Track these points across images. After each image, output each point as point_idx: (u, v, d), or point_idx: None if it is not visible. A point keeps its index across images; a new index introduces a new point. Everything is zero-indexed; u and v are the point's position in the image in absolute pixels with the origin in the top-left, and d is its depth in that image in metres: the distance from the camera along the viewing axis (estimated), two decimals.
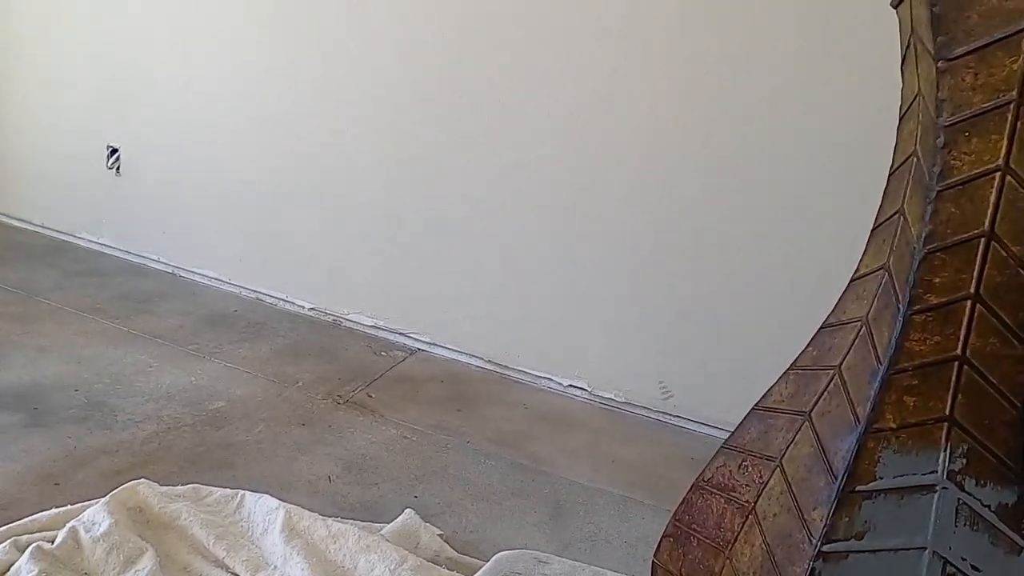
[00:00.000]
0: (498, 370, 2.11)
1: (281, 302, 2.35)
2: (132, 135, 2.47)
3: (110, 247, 2.61)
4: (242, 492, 1.38)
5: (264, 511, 1.33)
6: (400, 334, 2.21)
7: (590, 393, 2.02)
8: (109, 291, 2.32)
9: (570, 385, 2.04)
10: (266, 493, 1.36)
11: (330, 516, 1.34)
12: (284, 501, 1.34)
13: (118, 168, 2.52)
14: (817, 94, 1.63)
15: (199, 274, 2.47)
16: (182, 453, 1.52)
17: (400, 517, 1.39)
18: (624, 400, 1.99)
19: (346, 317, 2.27)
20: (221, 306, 2.32)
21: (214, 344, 2.05)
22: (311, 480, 1.50)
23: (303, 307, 2.32)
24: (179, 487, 1.37)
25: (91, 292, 2.29)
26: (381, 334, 2.23)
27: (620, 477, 1.67)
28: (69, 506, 1.26)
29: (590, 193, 1.89)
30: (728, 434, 0.79)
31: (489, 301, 2.07)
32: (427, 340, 2.18)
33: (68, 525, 1.20)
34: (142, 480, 1.33)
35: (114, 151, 2.52)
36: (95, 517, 1.21)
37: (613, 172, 1.85)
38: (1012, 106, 0.59)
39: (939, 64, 0.61)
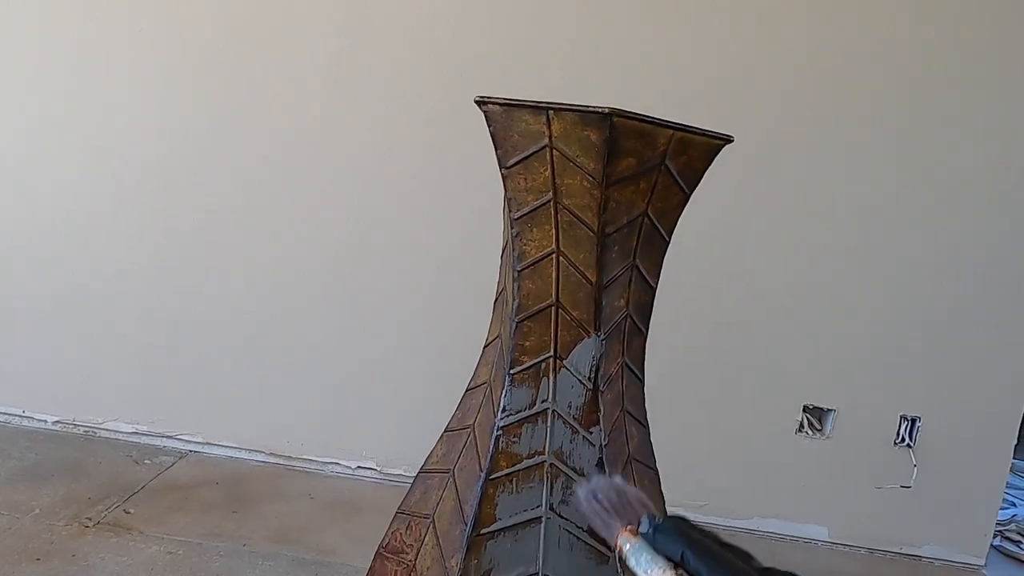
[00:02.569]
0: (281, 462, 2.11)
1: (17, 418, 2.17)
2: None
3: None
4: None
5: None
6: (167, 437, 2.13)
7: (380, 472, 2.09)
8: None
9: (359, 467, 2.09)
10: None
11: None
12: None
13: None
14: None
15: None
16: None
17: None
18: (415, 474, 2.08)
19: (100, 427, 2.15)
20: None
21: None
22: None
23: (45, 421, 2.16)
24: None
25: None
26: (144, 440, 2.13)
27: None
28: None
29: (361, 272, 2.01)
30: None
31: (265, 391, 2.08)
32: (199, 440, 2.13)
33: None
34: None
35: None
36: None
37: (381, 246, 1.99)
38: (551, 203, 0.79)
39: (503, 171, 0.81)
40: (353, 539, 1.79)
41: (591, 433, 0.80)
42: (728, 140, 0.80)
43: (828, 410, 1.94)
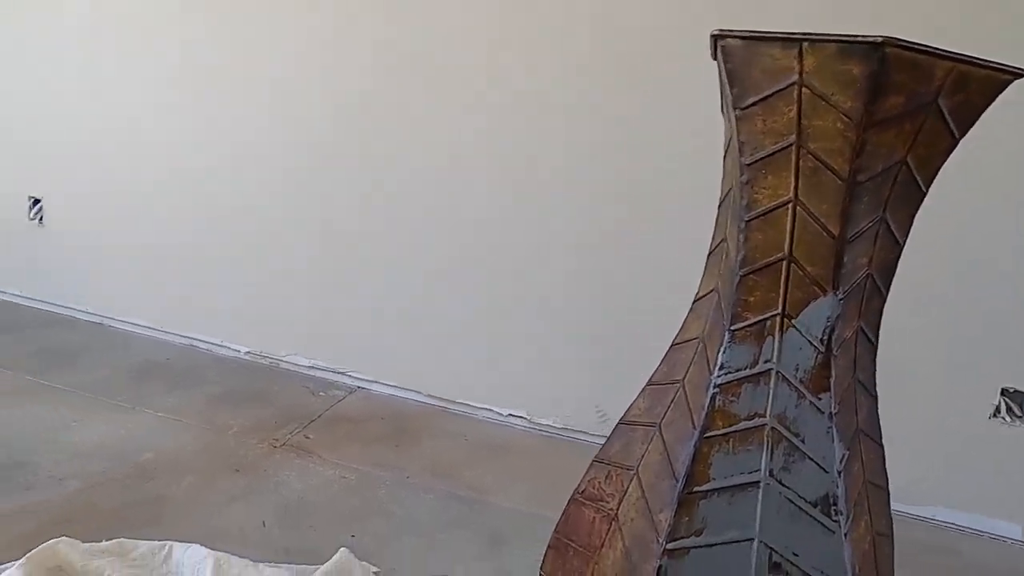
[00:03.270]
0: (439, 404, 2.20)
1: (215, 347, 2.41)
2: (55, 184, 2.53)
3: (35, 300, 2.64)
4: (170, 543, 1.42)
5: (193, 561, 1.38)
6: (339, 373, 2.28)
7: (529, 421, 2.11)
8: (30, 345, 2.34)
9: (510, 414, 2.13)
10: (196, 543, 1.41)
11: (263, 562, 1.38)
12: (215, 550, 1.39)
13: (41, 219, 2.57)
14: None
15: (129, 323, 2.51)
16: (108, 510, 1.56)
17: (334, 556, 1.45)
18: (562, 426, 2.09)
19: (283, 360, 2.34)
20: (153, 355, 2.37)
21: (144, 394, 2.10)
22: (244, 528, 1.55)
23: (238, 352, 2.38)
24: (103, 543, 1.40)
25: (13, 347, 2.32)
26: (319, 375, 2.30)
27: (559, 502, 1.74)
28: None
29: (518, 225, 2.01)
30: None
31: (428, 336, 2.17)
32: (367, 378, 2.26)
33: None
34: (62, 538, 1.36)
35: (36, 201, 2.57)
36: None
37: (538, 202, 1.98)
38: (794, 147, 0.71)
39: (736, 112, 0.74)
40: (504, 481, 1.83)
41: (820, 399, 0.73)
42: (1019, 74, 0.68)
43: None
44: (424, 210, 2.09)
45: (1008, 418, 1.73)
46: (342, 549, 1.47)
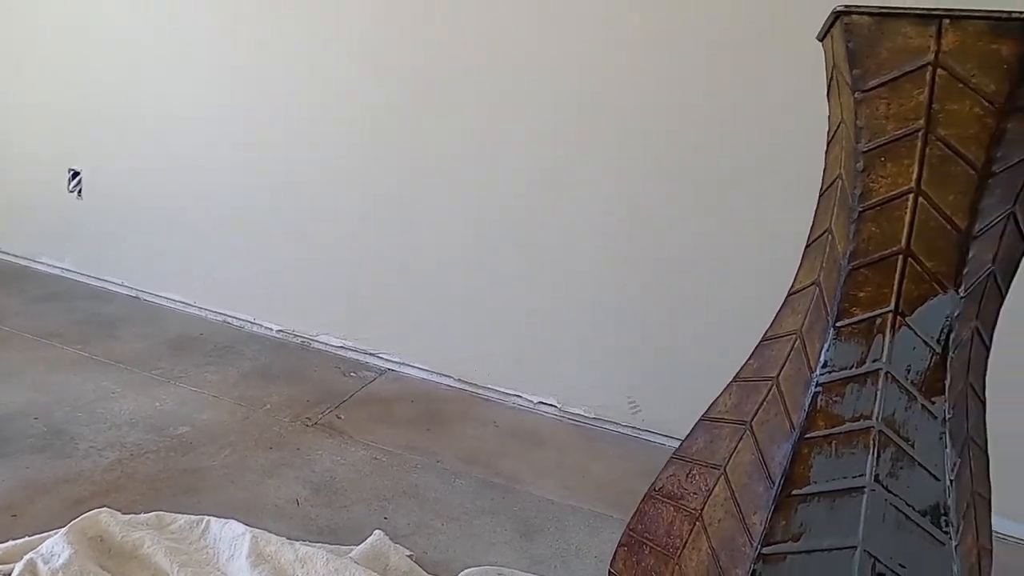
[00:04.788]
0: (469, 389, 2.13)
1: (248, 324, 2.35)
2: (94, 158, 2.47)
3: (72, 272, 2.59)
4: (207, 518, 1.38)
5: (230, 536, 1.33)
6: (369, 355, 2.23)
7: (560, 410, 2.05)
8: (71, 316, 2.30)
9: (540, 402, 2.07)
10: (232, 519, 1.36)
11: (298, 540, 1.34)
12: (251, 526, 1.34)
13: (80, 191, 2.51)
14: (781, 119, 1.70)
15: (164, 298, 2.46)
16: (146, 480, 1.52)
17: (369, 539, 1.40)
18: (593, 416, 2.03)
19: (315, 339, 2.28)
20: (187, 330, 2.31)
21: (179, 368, 2.04)
22: (279, 504, 1.50)
23: (271, 329, 2.33)
24: (142, 515, 1.36)
25: (52, 318, 2.27)
26: (350, 355, 2.24)
27: (590, 492, 1.70)
28: (27, 537, 1.25)
29: (557, 212, 1.94)
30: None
31: (459, 321, 2.10)
32: (397, 360, 2.20)
33: (26, 557, 1.19)
34: (104, 509, 1.32)
35: (76, 174, 2.51)
36: (54, 548, 1.20)
37: (580, 190, 1.91)
38: (921, 133, 0.64)
39: (856, 95, 0.67)
40: (536, 469, 1.78)
41: (933, 403, 0.67)
42: None
43: None
44: (458, 195, 2.02)
45: None
46: (377, 531, 1.42)
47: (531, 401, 2.08)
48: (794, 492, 0.68)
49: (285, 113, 2.16)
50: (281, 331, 2.31)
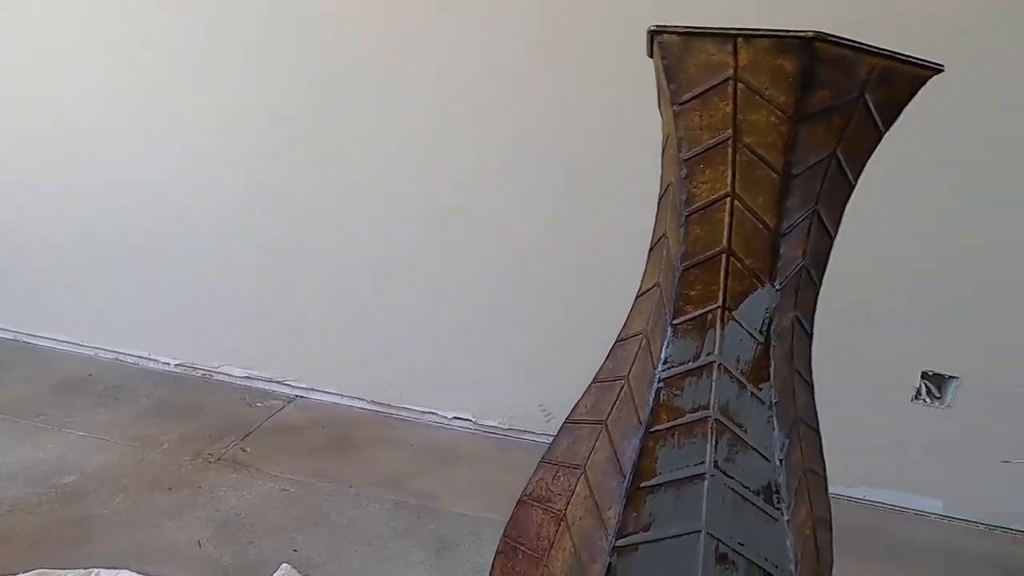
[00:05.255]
0: (382, 410, 2.11)
1: (143, 360, 2.24)
2: None
3: None
4: (96, 569, 1.31)
5: None
6: (276, 383, 2.17)
7: (475, 423, 2.06)
8: None
9: (455, 417, 2.08)
10: (126, 568, 1.30)
11: None
12: (146, 573, 1.29)
13: None
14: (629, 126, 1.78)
15: (48, 339, 2.31)
16: (27, 535, 1.42)
17: (276, 573, 1.37)
18: (508, 427, 2.05)
19: (217, 370, 2.20)
20: (74, 371, 2.18)
21: (65, 413, 1.92)
22: (179, 547, 1.44)
23: (168, 364, 2.23)
24: (22, 574, 1.28)
25: None
26: (256, 384, 2.17)
27: (505, 504, 1.70)
28: None
29: (453, 224, 1.96)
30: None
31: (369, 342, 2.08)
32: (306, 386, 2.15)
33: None
34: None
35: None
36: None
37: (475, 200, 1.93)
38: (730, 142, 0.70)
39: (675, 107, 0.72)
40: (452, 486, 1.78)
41: (760, 390, 0.72)
42: (938, 69, 0.69)
43: (950, 377, 1.77)
44: (360, 215, 2.01)
45: (928, 399, 1.79)
46: (284, 565, 1.39)
47: (446, 417, 2.08)
48: (643, 484, 0.72)
49: (174, 138, 2.08)
50: (180, 365, 2.22)
